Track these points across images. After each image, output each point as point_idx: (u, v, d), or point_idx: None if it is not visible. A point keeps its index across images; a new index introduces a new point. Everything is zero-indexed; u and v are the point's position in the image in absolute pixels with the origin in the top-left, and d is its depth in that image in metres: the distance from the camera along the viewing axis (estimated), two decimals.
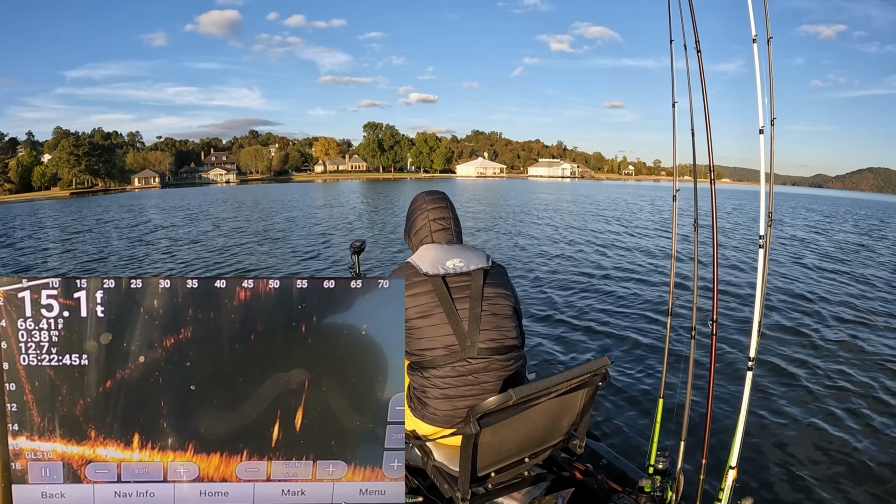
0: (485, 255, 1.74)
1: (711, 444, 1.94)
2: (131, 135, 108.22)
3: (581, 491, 1.89)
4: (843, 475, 3.39)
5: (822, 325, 7.22)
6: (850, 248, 15.65)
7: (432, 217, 1.79)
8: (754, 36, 1.77)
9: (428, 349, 1.66)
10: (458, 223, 1.84)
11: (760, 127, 1.77)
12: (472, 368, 1.64)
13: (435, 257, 1.68)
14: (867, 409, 4.40)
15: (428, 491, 1.74)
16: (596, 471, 1.98)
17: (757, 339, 1.81)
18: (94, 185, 76.29)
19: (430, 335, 1.65)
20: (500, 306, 1.71)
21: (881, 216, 32.91)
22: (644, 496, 1.86)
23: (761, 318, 1.82)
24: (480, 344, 1.64)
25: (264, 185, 73.67)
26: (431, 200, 1.83)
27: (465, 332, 1.64)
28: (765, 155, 1.79)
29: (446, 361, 1.64)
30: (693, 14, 1.96)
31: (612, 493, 1.91)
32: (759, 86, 1.76)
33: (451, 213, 1.82)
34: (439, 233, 1.78)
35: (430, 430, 1.69)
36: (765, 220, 1.80)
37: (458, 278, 1.68)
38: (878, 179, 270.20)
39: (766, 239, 1.79)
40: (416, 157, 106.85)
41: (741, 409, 1.82)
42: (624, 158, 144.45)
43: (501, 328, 1.69)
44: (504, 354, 1.69)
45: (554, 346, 5.74)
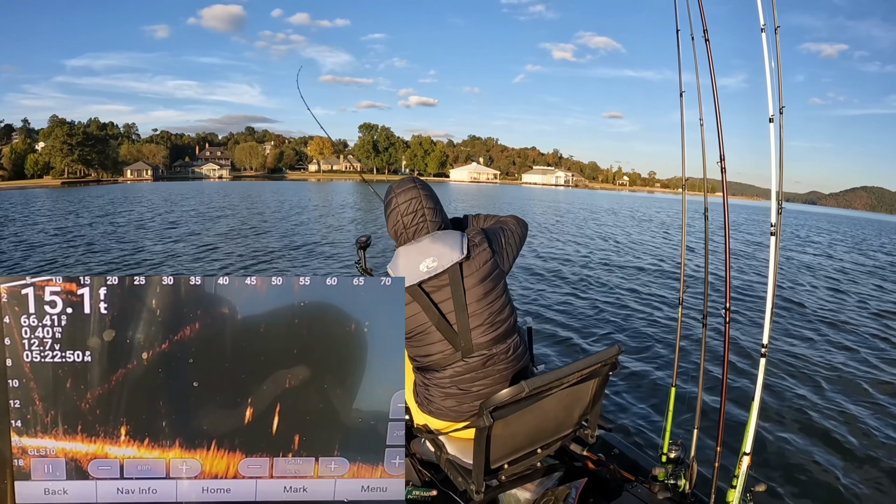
0: (459, 240, 1.62)
1: (725, 431, 1.93)
2: (127, 126, 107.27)
3: (594, 481, 1.89)
4: (858, 461, 3.41)
5: (837, 312, 7.31)
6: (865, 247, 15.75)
7: (402, 212, 1.66)
8: (762, 25, 1.75)
9: (424, 356, 1.64)
10: (433, 205, 1.69)
11: (770, 115, 1.74)
12: (471, 367, 1.63)
13: (407, 263, 1.59)
14: (882, 395, 4.45)
15: (442, 484, 1.74)
16: (608, 460, 1.98)
17: (770, 326, 1.79)
18: (86, 176, 75.45)
19: (423, 343, 1.62)
20: (486, 290, 1.63)
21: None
22: (657, 485, 1.85)
23: (773, 305, 1.80)
24: (475, 339, 1.61)
25: (258, 182, 73.22)
26: (401, 193, 1.68)
27: (455, 335, 1.59)
28: (775, 144, 1.77)
29: (444, 365, 1.63)
30: (701, 4, 1.93)
31: (625, 482, 1.91)
32: (768, 74, 1.73)
33: (422, 204, 1.66)
34: (413, 229, 1.66)
35: (442, 424, 1.68)
36: (775, 208, 1.78)
37: (436, 281, 1.59)
38: (872, 198, 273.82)
39: (777, 227, 1.77)
40: (411, 159, 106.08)
41: (755, 396, 1.80)
42: (619, 169, 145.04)
43: (492, 313, 1.63)
44: (503, 343, 1.65)
45: (565, 336, 5.76)
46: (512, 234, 1.78)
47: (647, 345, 5.52)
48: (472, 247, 1.64)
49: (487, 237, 1.69)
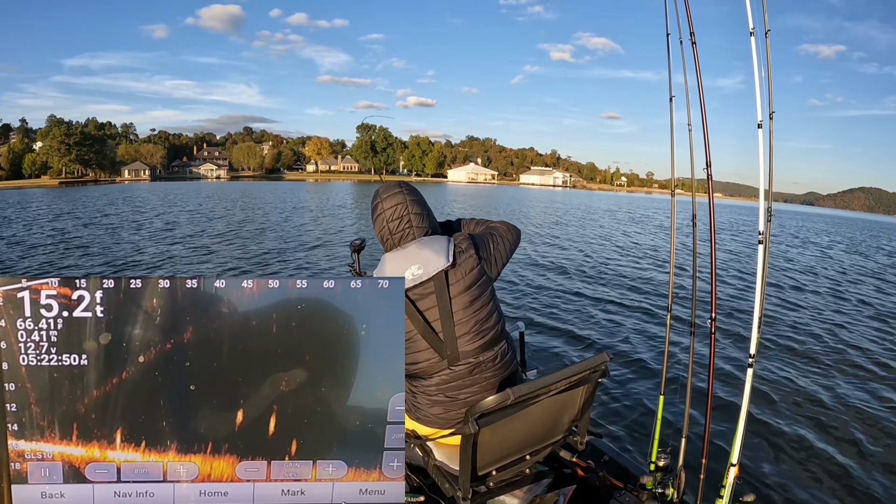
0: (445, 247, 1.59)
1: (712, 440, 1.94)
2: (125, 126, 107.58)
3: (583, 488, 1.89)
4: (845, 471, 3.42)
5: (823, 323, 7.31)
6: (853, 253, 15.78)
7: (387, 218, 1.65)
8: (752, 29, 1.74)
9: (410, 364, 1.62)
10: (419, 210, 1.66)
11: (759, 121, 1.73)
12: (457, 375, 1.61)
13: (393, 271, 1.57)
14: (869, 406, 4.46)
15: (430, 490, 1.74)
16: (597, 467, 1.97)
17: (757, 336, 1.80)
18: (84, 175, 75.31)
19: (409, 351, 1.59)
20: (472, 297, 1.61)
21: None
22: (646, 493, 1.85)
23: (761, 315, 1.81)
24: (462, 347, 1.60)
25: (255, 182, 73.13)
26: (387, 198, 1.66)
27: (441, 343, 1.58)
28: (764, 150, 1.77)
29: (431, 373, 1.62)
30: (688, 6, 1.94)
31: (614, 489, 1.91)
32: (758, 79, 1.72)
33: (408, 209, 1.64)
34: (398, 235, 1.65)
35: (429, 430, 1.67)
36: (764, 216, 1.78)
37: (421, 289, 1.56)
38: (870, 199, 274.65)
39: (765, 235, 1.77)
40: (409, 160, 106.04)
41: (742, 406, 1.81)
42: (617, 169, 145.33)
43: (478, 321, 1.61)
44: (490, 350, 1.64)
45: (553, 343, 5.77)
46: (501, 241, 1.76)
47: (637, 352, 5.53)
48: (458, 253, 1.61)
49: (475, 243, 1.67)
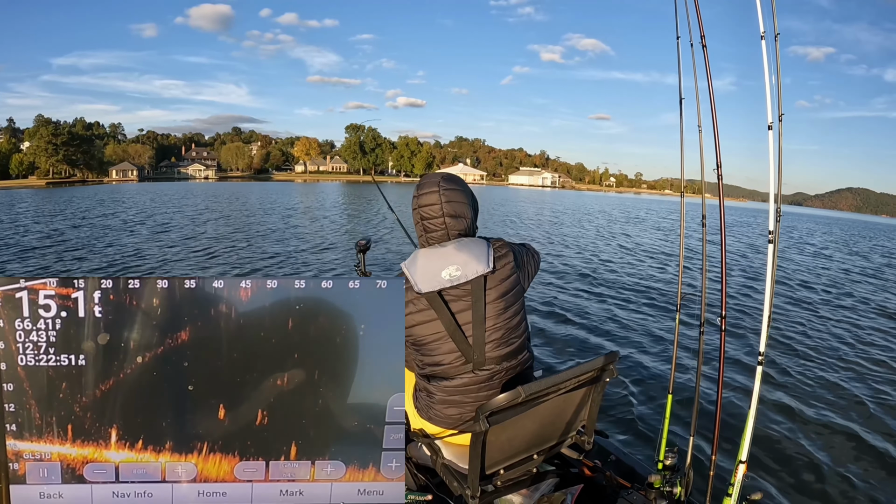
0: (485, 251, 1.56)
1: (721, 438, 1.92)
2: (113, 126, 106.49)
3: (590, 487, 1.88)
4: (854, 469, 3.44)
5: (833, 320, 7.37)
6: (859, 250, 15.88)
7: (423, 216, 1.61)
8: (762, 32, 1.74)
9: (433, 365, 1.60)
10: (455, 213, 1.59)
11: (769, 122, 1.73)
12: (479, 379, 1.61)
13: (428, 268, 1.53)
14: (881, 405, 4.50)
15: (437, 488, 1.73)
16: (604, 467, 1.97)
17: (767, 334, 1.78)
18: (71, 176, 74.38)
19: (434, 352, 1.58)
20: (506, 304, 1.59)
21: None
22: (653, 492, 1.84)
23: (771, 313, 1.80)
24: (488, 353, 1.58)
25: (244, 183, 72.56)
26: (424, 195, 1.61)
27: (469, 347, 1.56)
28: (774, 151, 1.76)
29: (452, 374, 1.60)
30: (698, 8, 1.94)
31: (621, 489, 1.90)
32: (768, 82, 1.71)
33: (442, 211, 1.58)
34: (433, 234, 1.61)
35: (438, 429, 1.67)
36: (774, 215, 1.77)
37: (456, 291, 1.54)
38: (857, 199, 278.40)
39: (775, 234, 1.76)
40: (398, 160, 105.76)
41: (751, 404, 1.79)
42: (606, 170, 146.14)
43: (509, 329, 1.60)
44: (513, 359, 1.64)
45: (562, 342, 5.77)
46: (533, 256, 1.77)
47: (645, 351, 5.55)
48: (496, 259, 1.58)
49: (513, 251, 1.65)
